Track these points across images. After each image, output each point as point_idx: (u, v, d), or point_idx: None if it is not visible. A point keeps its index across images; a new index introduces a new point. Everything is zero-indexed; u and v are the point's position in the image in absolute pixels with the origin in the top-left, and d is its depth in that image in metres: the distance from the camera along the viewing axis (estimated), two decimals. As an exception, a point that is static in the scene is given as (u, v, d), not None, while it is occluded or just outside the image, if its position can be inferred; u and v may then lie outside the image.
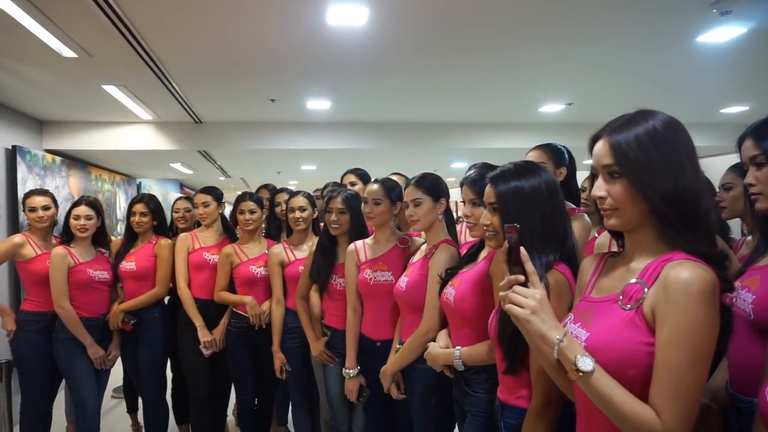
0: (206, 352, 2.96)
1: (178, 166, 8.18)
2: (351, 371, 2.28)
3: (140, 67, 3.70)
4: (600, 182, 1.05)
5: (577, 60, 4.14)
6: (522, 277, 1.08)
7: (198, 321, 2.96)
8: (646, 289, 0.98)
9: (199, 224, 3.22)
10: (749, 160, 1.28)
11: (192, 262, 3.04)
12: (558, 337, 0.99)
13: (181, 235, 3.13)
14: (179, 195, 4.81)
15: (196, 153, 6.81)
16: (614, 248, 1.19)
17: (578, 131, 6.42)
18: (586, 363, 0.95)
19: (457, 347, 1.71)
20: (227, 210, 3.39)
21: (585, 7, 3.09)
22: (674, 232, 0.99)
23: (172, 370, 3.37)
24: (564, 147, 2.29)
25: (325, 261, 2.48)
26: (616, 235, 1.14)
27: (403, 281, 2.06)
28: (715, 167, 2.18)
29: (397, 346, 2.10)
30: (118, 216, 7.38)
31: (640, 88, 5.01)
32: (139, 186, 8.83)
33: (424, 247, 2.12)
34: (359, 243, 2.34)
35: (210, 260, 3.03)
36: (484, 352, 1.63)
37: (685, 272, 0.92)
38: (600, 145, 1.05)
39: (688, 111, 5.89)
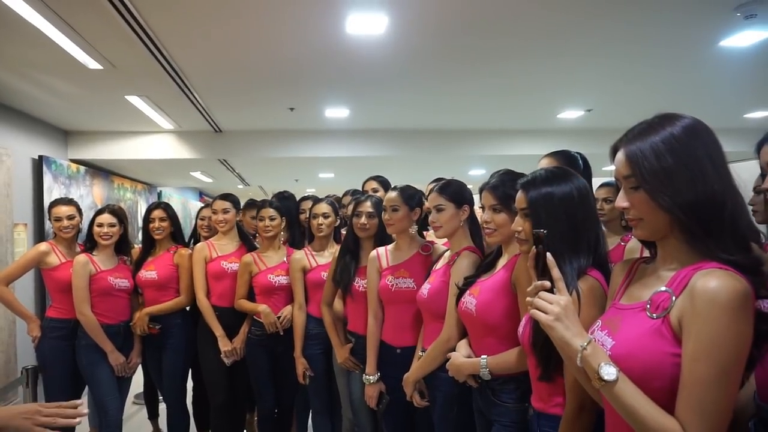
0: (227, 361, 2.98)
1: (197, 174, 8.28)
2: (371, 377, 2.28)
3: (162, 77, 3.76)
4: (622, 193, 1.04)
5: (597, 67, 4.10)
6: (548, 283, 1.07)
7: (218, 330, 2.97)
8: (674, 298, 0.95)
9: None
10: (767, 165, 1.25)
11: (210, 271, 3.06)
12: (581, 344, 0.98)
13: (198, 245, 3.15)
14: (200, 203, 4.86)
15: (216, 161, 6.89)
16: (646, 253, 1.16)
17: (597, 137, 6.36)
18: (609, 372, 0.93)
19: (482, 356, 1.69)
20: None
21: (605, 13, 3.07)
22: (698, 241, 0.96)
23: (193, 378, 3.39)
24: (578, 154, 2.26)
25: (349, 263, 2.49)
26: (647, 243, 1.11)
27: (426, 288, 2.05)
28: (739, 172, 2.15)
29: (420, 353, 2.09)
30: (140, 224, 7.49)
31: (661, 94, 4.95)
32: (159, 194, 8.95)
33: (447, 254, 2.11)
34: (381, 249, 2.34)
35: (228, 269, 3.05)
36: (513, 360, 1.60)
37: (713, 281, 0.89)
38: (619, 156, 1.04)
39: (710, 116, 5.71)
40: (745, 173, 2.09)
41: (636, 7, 3.01)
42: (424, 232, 2.65)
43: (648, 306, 1.00)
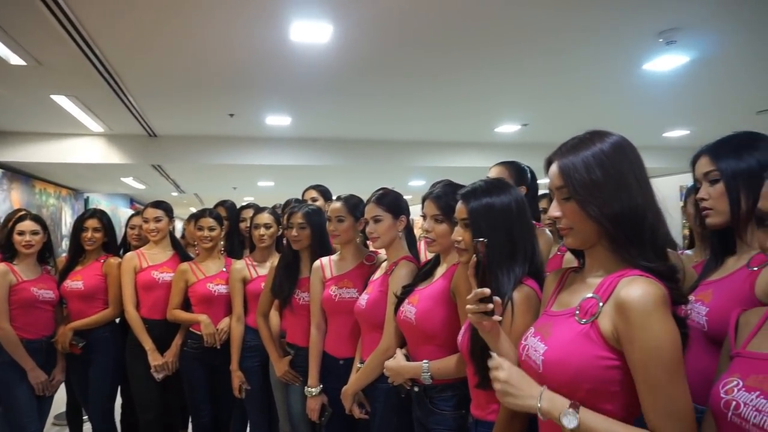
0: (158, 376, 2.84)
1: (129, 180, 7.93)
2: (313, 390, 2.24)
3: (93, 77, 3.58)
4: (555, 203, 1.09)
5: (532, 84, 4.29)
6: (488, 290, 1.10)
7: (148, 344, 2.84)
8: (601, 304, 1.01)
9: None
10: (703, 176, 1.34)
11: (140, 282, 2.92)
12: (535, 405, 1.01)
13: (127, 254, 3.01)
14: (131, 211, 4.65)
15: (149, 167, 6.63)
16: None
17: (534, 151, 6.60)
18: (570, 421, 0.96)
19: (425, 361, 1.70)
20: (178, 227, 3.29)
21: (540, 34, 3.22)
22: (622, 250, 1.02)
23: (122, 395, 3.22)
24: (527, 167, 2.35)
25: (288, 275, 2.45)
26: (576, 251, 1.17)
27: (364, 299, 2.05)
28: (659, 187, 2.30)
29: (358, 365, 2.08)
30: (64, 232, 7.06)
31: (590, 111, 5.23)
32: (86, 201, 8.49)
33: (384, 264, 2.12)
34: (325, 259, 2.33)
35: (159, 279, 2.92)
36: (453, 365, 1.63)
37: (637, 290, 0.95)
38: (553, 168, 1.09)
39: (634, 133, 6.08)
40: (664, 188, 2.24)
41: (568, 31, 3.18)
42: (368, 242, 2.66)
43: (577, 312, 1.05)
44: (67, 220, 7.24)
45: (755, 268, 1.22)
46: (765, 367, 0.89)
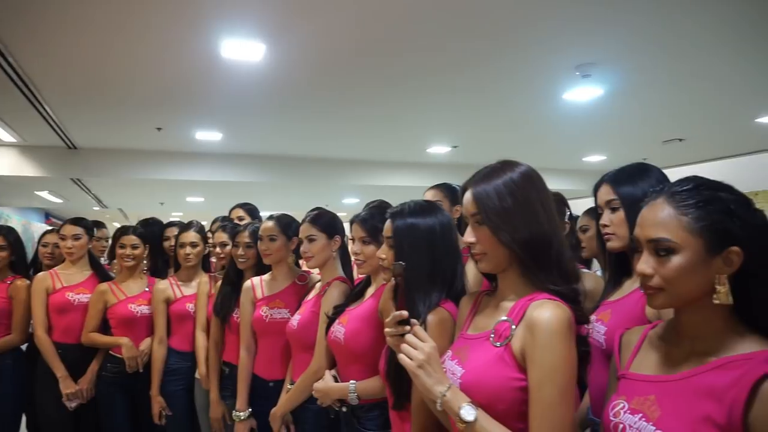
0: (71, 405, 2.66)
1: (45, 194, 7.44)
2: (242, 414, 2.18)
3: (5, 85, 3.36)
4: (470, 229, 1.14)
5: (461, 108, 4.47)
6: (405, 313, 1.12)
7: (60, 371, 2.65)
8: (513, 327, 1.05)
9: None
10: (605, 204, 1.43)
11: (53, 304, 2.73)
12: (441, 390, 1.04)
13: (39, 275, 2.82)
14: (46, 227, 4.37)
15: (68, 180, 6.26)
16: None
17: (464, 172, 6.77)
18: (468, 413, 1.00)
19: (351, 381, 1.71)
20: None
21: (468, 62, 3.37)
22: (531, 274, 1.07)
23: (28, 427, 2.98)
24: (459, 186, 2.41)
25: (230, 294, 2.41)
26: (489, 275, 1.22)
27: (296, 319, 2.04)
28: (578, 209, 2.45)
29: (288, 386, 2.05)
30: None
31: (516, 136, 5.50)
32: (-5, 215, 7.86)
33: (318, 284, 2.12)
34: (256, 279, 2.29)
35: (75, 301, 2.75)
36: (378, 385, 1.64)
37: (545, 313, 1.00)
38: (467, 195, 1.14)
39: (555, 158, 6.54)
40: (584, 209, 2.37)
41: (495, 61, 3.35)
42: (300, 261, 2.64)
43: (492, 335, 1.09)
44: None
45: None
46: (645, 388, 0.94)
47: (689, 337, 0.93)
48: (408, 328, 1.12)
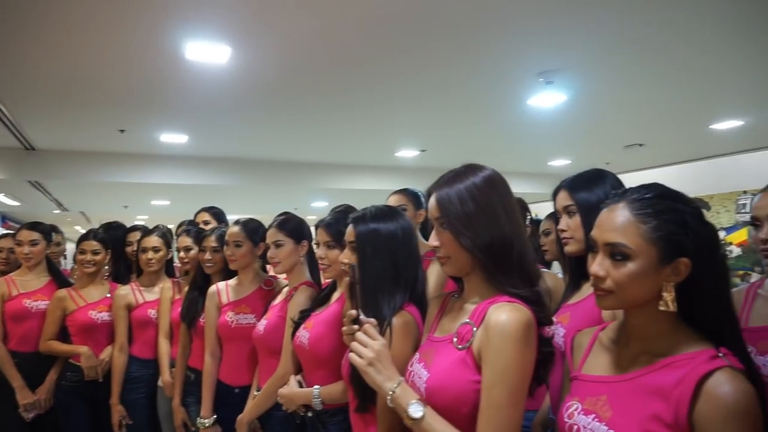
0: (27, 416, 2.57)
1: (0, 197, 7.16)
2: (206, 421, 2.16)
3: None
4: (434, 233, 1.15)
5: (428, 112, 4.51)
6: (354, 312, 1.14)
7: (16, 381, 2.57)
8: (474, 329, 1.06)
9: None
10: (563, 209, 1.47)
11: (9, 311, 2.65)
12: (391, 387, 1.05)
13: None
14: (2, 230, 4.22)
15: (26, 183, 6.05)
16: None
17: (433, 175, 6.86)
18: (416, 410, 1.02)
19: (315, 386, 1.71)
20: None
21: (434, 67, 3.41)
22: (493, 278, 1.08)
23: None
24: (421, 192, 2.44)
25: (197, 299, 2.38)
26: (455, 277, 1.23)
27: (263, 324, 2.02)
28: (543, 212, 2.52)
29: (255, 392, 2.04)
30: None
31: (483, 140, 5.58)
32: (-54, 219, 7.54)
33: (285, 289, 2.11)
34: (221, 284, 2.27)
35: (32, 308, 2.67)
36: (341, 389, 1.65)
37: (503, 315, 1.00)
38: (432, 200, 1.16)
39: (521, 161, 6.67)
40: (548, 211, 2.44)
41: (461, 65, 3.40)
42: (267, 266, 2.63)
43: (455, 338, 1.10)
44: None
45: None
46: (597, 389, 0.96)
47: (638, 339, 0.97)
48: (357, 327, 1.13)
